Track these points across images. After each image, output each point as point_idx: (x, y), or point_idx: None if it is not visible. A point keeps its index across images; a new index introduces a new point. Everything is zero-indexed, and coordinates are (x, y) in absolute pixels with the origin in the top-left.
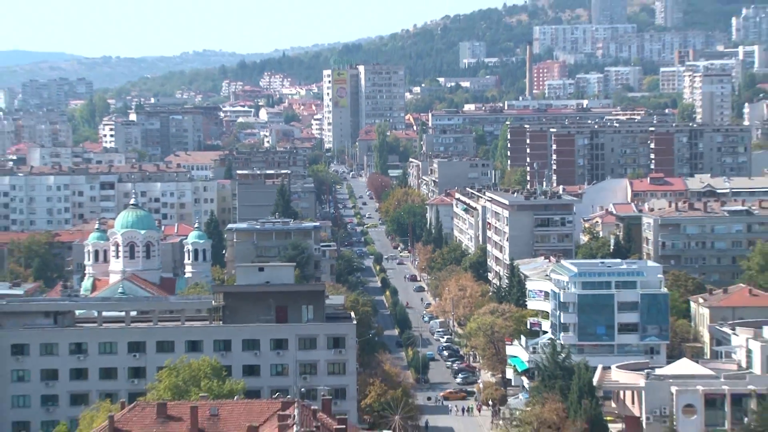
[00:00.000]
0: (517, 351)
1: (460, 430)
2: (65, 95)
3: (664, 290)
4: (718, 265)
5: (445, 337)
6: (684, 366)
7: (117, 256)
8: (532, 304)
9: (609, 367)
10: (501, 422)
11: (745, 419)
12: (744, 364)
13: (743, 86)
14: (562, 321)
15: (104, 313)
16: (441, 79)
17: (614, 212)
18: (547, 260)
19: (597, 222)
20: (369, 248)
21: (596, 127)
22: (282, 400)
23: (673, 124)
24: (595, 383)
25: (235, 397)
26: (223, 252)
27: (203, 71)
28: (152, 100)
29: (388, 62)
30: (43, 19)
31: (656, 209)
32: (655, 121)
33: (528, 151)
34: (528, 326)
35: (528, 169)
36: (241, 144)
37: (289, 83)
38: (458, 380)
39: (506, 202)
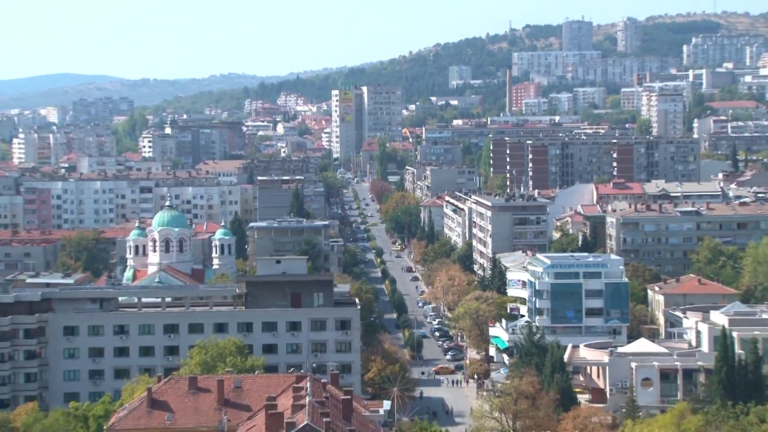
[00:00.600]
0: (499, 332)
1: (449, 400)
2: (110, 112)
3: (625, 280)
4: (672, 258)
5: (437, 320)
6: (642, 345)
7: (154, 251)
8: (511, 292)
9: (578, 346)
10: (485, 393)
11: (694, 391)
12: (694, 344)
13: (693, 104)
14: (537, 306)
15: (143, 300)
16: (433, 98)
17: (582, 213)
18: (525, 254)
19: (567, 221)
20: (371, 244)
21: (566, 139)
22: (296, 375)
23: (633, 137)
24: (565, 360)
25: (256, 372)
26: (246, 247)
27: (228, 91)
28: (184, 116)
29: (388, 84)
30: (90, 45)
31: (618, 210)
32: (617, 135)
33: (508, 160)
34: (508, 311)
35: (508, 175)
36: (261, 154)
37: (303, 102)
38: (448, 357)
39: (489, 204)
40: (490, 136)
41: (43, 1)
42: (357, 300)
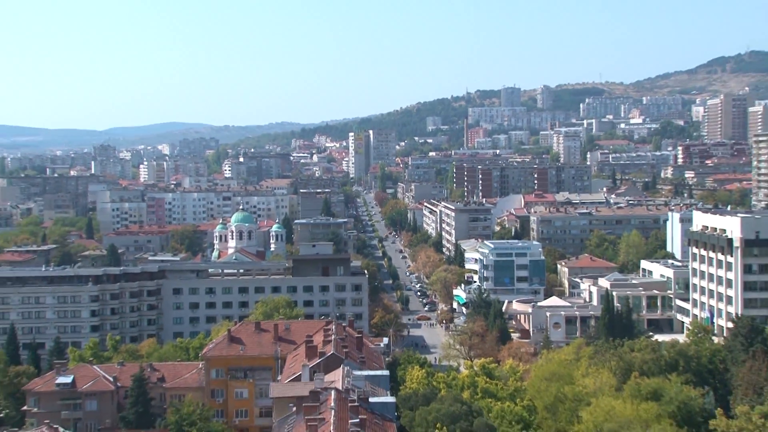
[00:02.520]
0: (459, 292)
1: (427, 337)
2: (203, 147)
3: (542, 258)
4: (573, 243)
5: (418, 284)
6: (553, 300)
7: (232, 239)
8: (468, 266)
9: (511, 301)
10: (450, 333)
11: (587, 331)
12: (587, 300)
13: (586, 142)
14: (484, 275)
15: (225, 270)
16: (416, 138)
17: (514, 213)
18: (476, 241)
19: (504, 219)
20: (375, 234)
21: (503, 165)
22: (325, 321)
23: (547, 164)
24: (503, 310)
25: (299, 319)
26: (292, 236)
27: (281, 133)
28: (252, 150)
29: (386, 128)
30: (190, 101)
31: (537, 212)
32: (537, 162)
33: (465, 179)
34: (465, 278)
35: (465, 189)
36: (302, 175)
37: (330, 140)
38: (426, 309)
39: (453, 208)
40: (453, 163)
41: (158, 71)
42: (365, 271)
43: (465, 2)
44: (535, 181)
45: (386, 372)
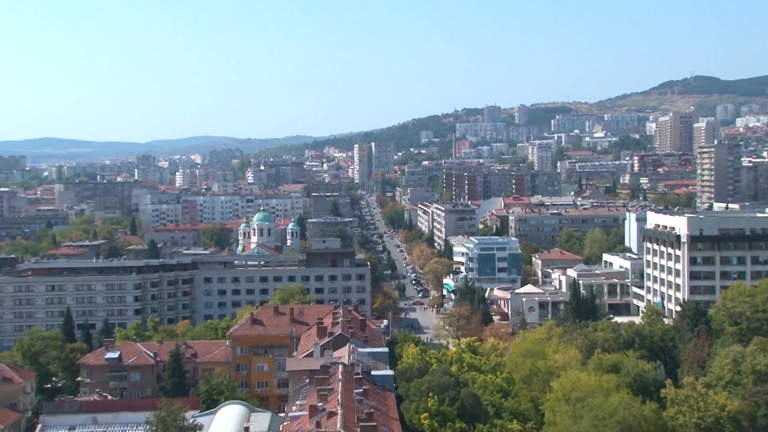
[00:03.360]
0: (448, 281)
1: (420, 319)
2: (230, 157)
3: (519, 251)
4: (545, 239)
5: (414, 273)
6: (528, 288)
7: (254, 235)
8: (456, 258)
9: (493, 289)
10: (440, 315)
11: (558, 314)
12: (557, 287)
13: (556, 153)
14: (470, 266)
15: (248, 263)
16: (411, 149)
17: (495, 214)
18: (463, 237)
19: (487, 218)
20: (376, 231)
21: (486, 172)
22: (334, 305)
23: (523, 171)
24: (486, 297)
25: (311, 303)
26: (306, 233)
27: (296, 145)
28: (272, 159)
29: (386, 141)
30: (217, 116)
31: (515, 212)
32: (515, 170)
33: (453, 184)
34: (453, 269)
35: (453, 193)
36: (314, 180)
37: (338, 151)
38: (420, 295)
39: (443, 209)
40: (443, 170)
41: (191, 91)
42: (368, 263)
43: (454, 33)
44: (513, 186)
45: (386, 349)
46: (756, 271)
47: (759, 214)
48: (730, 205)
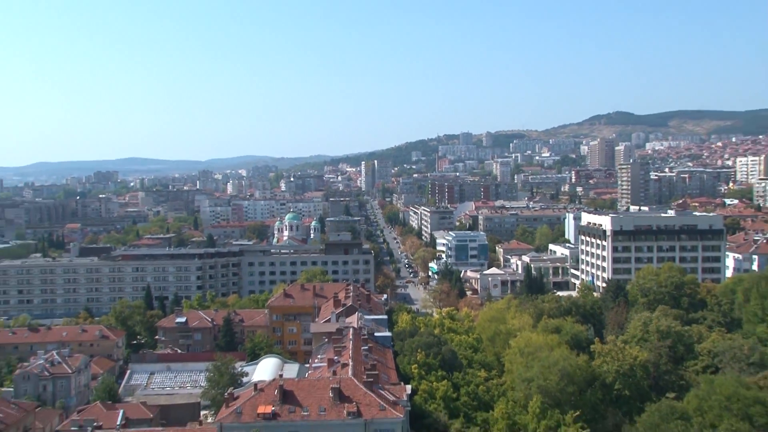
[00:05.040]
0: (433, 265)
1: (412, 294)
2: (267, 171)
3: (486, 243)
4: (506, 233)
5: (406, 259)
6: (493, 270)
7: (286, 230)
8: (438, 248)
9: (467, 271)
10: (426, 291)
11: (514, 290)
12: (515, 269)
13: (514, 168)
14: (449, 254)
15: (282, 251)
16: (405, 165)
17: (468, 214)
18: (444, 231)
19: (462, 218)
20: (378, 227)
21: (462, 183)
22: (346, 283)
23: (489, 182)
24: (461, 277)
25: (329, 282)
26: (325, 228)
27: (318, 162)
28: (299, 173)
29: (385, 159)
30: (259, 139)
31: (483, 213)
32: (483, 181)
33: (437, 191)
34: (437, 256)
35: (436, 198)
36: (331, 189)
37: (349, 166)
38: (411, 275)
39: (429, 210)
40: (429, 181)
41: (240, 121)
42: (372, 251)
43: (439, 77)
44: (482, 193)
45: (385, 316)
46: (660, 257)
47: (662, 215)
48: (642, 208)
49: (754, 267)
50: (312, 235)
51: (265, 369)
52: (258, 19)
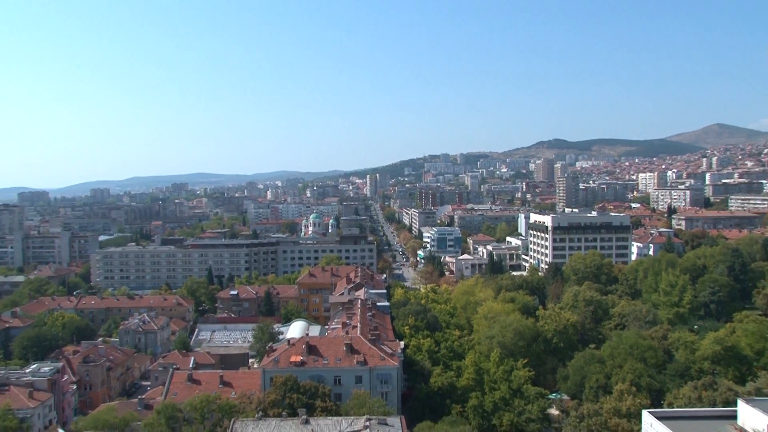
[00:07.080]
0: (420, 252)
1: (404, 274)
2: (297, 182)
3: (460, 236)
4: (477, 228)
5: (401, 248)
6: (465, 256)
7: (311, 226)
8: (425, 239)
9: (445, 256)
10: (415, 272)
11: (482, 270)
12: (481, 255)
13: (482, 180)
14: (432, 244)
15: (307, 242)
16: (399, 177)
17: (447, 214)
18: (429, 227)
19: (442, 217)
20: (379, 224)
21: (442, 191)
22: (356, 266)
23: (463, 191)
24: (442, 261)
25: (343, 265)
26: (339, 225)
27: (334, 175)
28: (320, 184)
29: (385, 173)
30: (292, 157)
31: (458, 213)
32: (458, 191)
33: (423, 197)
34: (423, 245)
35: (423, 202)
36: (344, 195)
37: (357, 178)
38: (404, 260)
39: (417, 211)
40: (417, 190)
41: (279, 142)
42: (375, 242)
43: (423, 110)
44: (457, 199)
45: (385, 291)
46: (586, 246)
47: (588, 215)
48: (574, 210)
49: (651, 252)
50: (330, 230)
51: (295, 329)
52: (295, 69)
